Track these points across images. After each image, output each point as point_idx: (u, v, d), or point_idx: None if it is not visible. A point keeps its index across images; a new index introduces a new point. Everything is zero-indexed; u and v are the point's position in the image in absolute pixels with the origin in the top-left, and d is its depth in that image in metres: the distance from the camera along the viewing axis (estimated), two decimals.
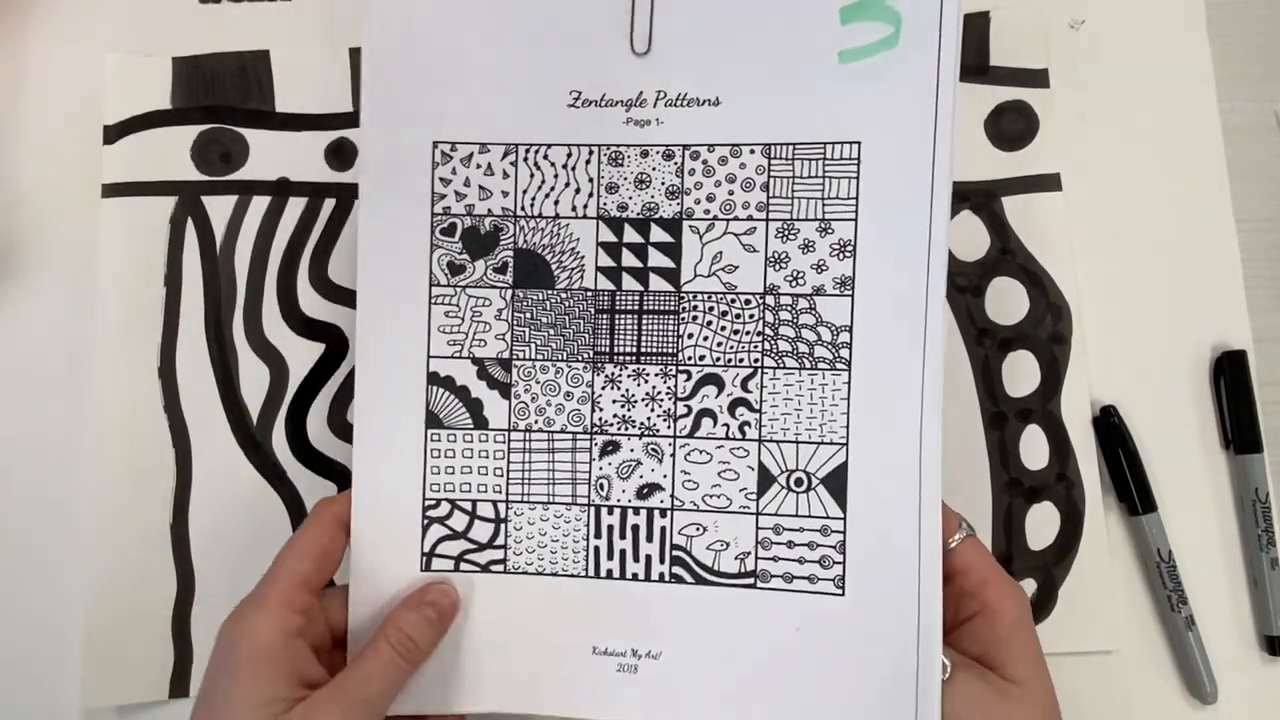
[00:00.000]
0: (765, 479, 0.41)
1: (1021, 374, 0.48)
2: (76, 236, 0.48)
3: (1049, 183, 0.49)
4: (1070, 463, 0.48)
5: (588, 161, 0.41)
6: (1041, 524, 0.47)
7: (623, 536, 0.41)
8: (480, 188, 0.42)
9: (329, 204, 0.49)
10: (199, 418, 0.47)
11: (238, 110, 0.49)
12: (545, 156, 0.41)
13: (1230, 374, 0.48)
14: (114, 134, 0.48)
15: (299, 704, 0.35)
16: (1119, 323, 0.49)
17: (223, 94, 0.49)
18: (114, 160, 0.48)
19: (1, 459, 0.47)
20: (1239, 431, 0.48)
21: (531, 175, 0.41)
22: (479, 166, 0.42)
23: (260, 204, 0.48)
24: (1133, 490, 0.47)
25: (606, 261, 0.41)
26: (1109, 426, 0.48)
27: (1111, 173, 0.50)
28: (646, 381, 0.41)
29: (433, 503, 0.42)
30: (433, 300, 0.42)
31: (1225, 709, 0.46)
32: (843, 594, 0.40)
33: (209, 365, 0.48)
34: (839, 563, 0.40)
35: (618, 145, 0.41)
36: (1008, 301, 0.48)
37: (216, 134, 0.49)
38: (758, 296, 0.41)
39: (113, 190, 0.48)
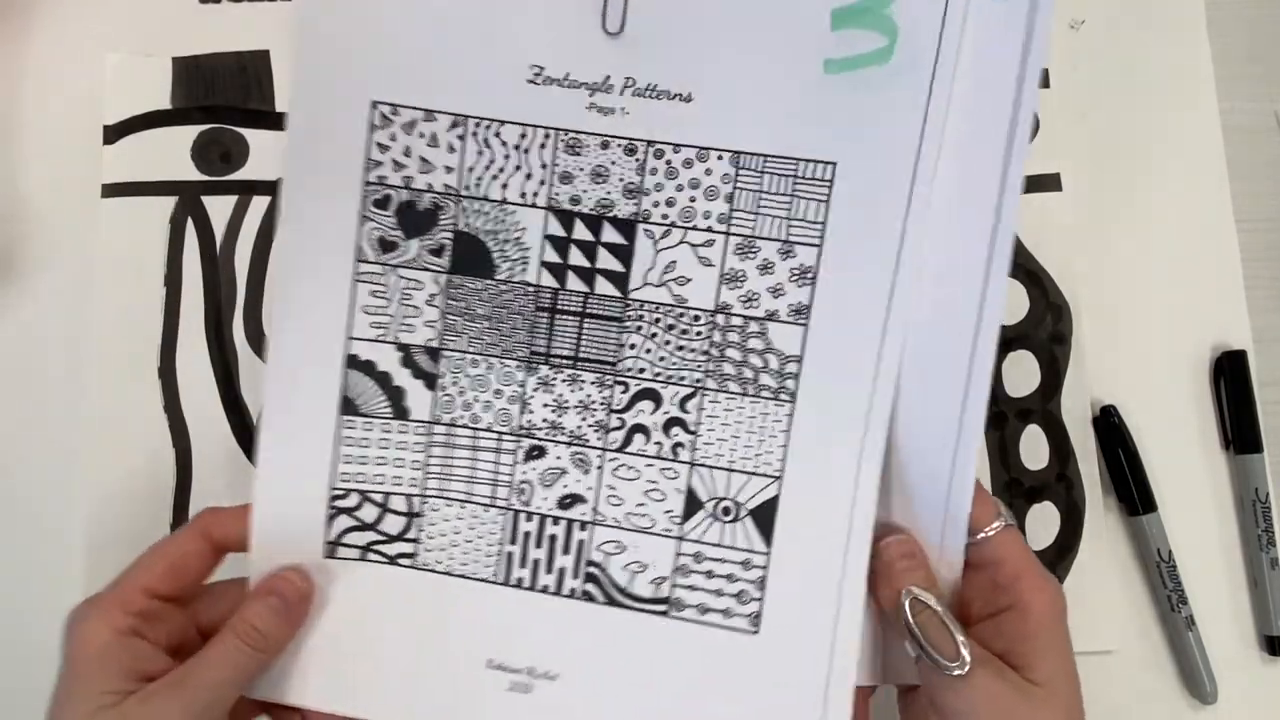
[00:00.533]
0: (692, 504, 0.39)
1: (1021, 374, 0.48)
2: (76, 236, 0.48)
3: (1049, 183, 0.49)
4: (1070, 463, 0.48)
5: (543, 145, 0.38)
6: (1041, 524, 0.47)
7: (538, 545, 0.39)
8: (422, 159, 0.38)
9: None
10: (199, 418, 0.47)
11: (238, 110, 0.49)
12: (497, 134, 0.38)
13: (1230, 374, 0.48)
14: (114, 134, 0.48)
15: (133, 695, 0.35)
16: (1119, 323, 0.49)
17: (223, 94, 0.49)
18: (114, 160, 0.48)
19: (1, 459, 0.47)
20: (1239, 431, 0.48)
21: (480, 153, 0.38)
22: (422, 136, 0.38)
23: (260, 204, 0.48)
24: (1133, 490, 0.47)
25: (552, 256, 0.39)
26: (1109, 426, 0.48)
27: (1111, 173, 0.50)
28: (581, 389, 0.39)
29: (341, 493, 0.39)
30: (358, 277, 0.39)
31: (1225, 709, 0.46)
32: (756, 632, 0.39)
33: (209, 365, 0.48)
34: (757, 599, 0.39)
35: (577, 132, 0.38)
36: (1008, 301, 0.48)
37: (216, 134, 0.49)
38: (707, 314, 0.38)
39: (113, 190, 0.48)
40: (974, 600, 0.39)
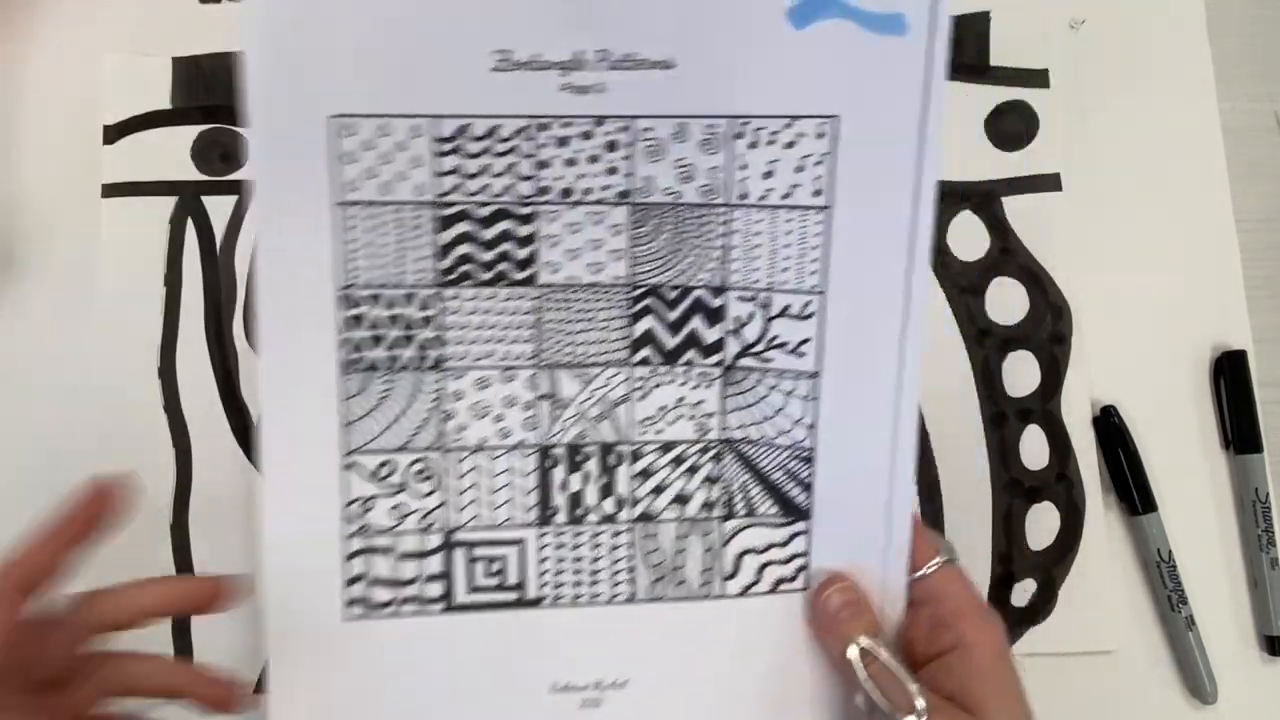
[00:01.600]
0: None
1: (1021, 374, 0.48)
2: (76, 236, 0.48)
3: (1049, 183, 0.49)
4: (1070, 463, 0.48)
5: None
6: (1041, 524, 0.47)
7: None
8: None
9: None
10: (199, 418, 0.47)
11: (238, 110, 0.49)
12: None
13: (1230, 374, 0.48)
14: (114, 134, 0.48)
15: None
16: (1119, 322, 0.49)
17: (223, 94, 0.49)
18: (114, 160, 0.48)
19: (1, 459, 0.47)
20: (1239, 431, 0.48)
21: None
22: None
23: None
24: (1133, 490, 0.47)
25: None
26: (1109, 426, 0.48)
27: (1111, 173, 0.50)
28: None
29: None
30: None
31: (1225, 709, 0.46)
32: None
33: (209, 365, 0.48)
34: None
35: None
36: (1008, 301, 0.48)
37: (216, 134, 0.49)
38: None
39: (113, 190, 0.48)
40: (917, 639, 0.38)
